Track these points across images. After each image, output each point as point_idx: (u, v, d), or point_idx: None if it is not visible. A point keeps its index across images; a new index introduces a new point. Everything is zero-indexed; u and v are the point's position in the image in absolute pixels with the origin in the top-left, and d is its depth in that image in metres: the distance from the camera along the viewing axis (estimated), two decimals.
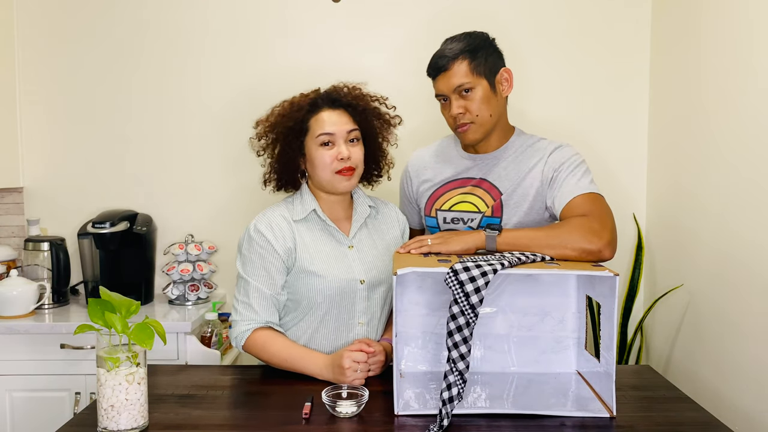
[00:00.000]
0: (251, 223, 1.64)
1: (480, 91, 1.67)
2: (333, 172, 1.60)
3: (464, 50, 1.68)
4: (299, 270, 1.61)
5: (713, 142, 1.94)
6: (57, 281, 2.31)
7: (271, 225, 1.62)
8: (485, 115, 1.69)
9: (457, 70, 1.67)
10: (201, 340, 2.17)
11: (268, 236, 1.60)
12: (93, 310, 1.26)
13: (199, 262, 2.37)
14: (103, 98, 2.48)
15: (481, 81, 1.67)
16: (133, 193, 2.48)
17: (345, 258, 1.64)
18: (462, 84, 1.67)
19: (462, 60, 1.67)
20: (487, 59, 1.69)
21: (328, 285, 1.60)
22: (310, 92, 1.69)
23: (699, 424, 1.33)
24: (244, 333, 1.59)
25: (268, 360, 1.59)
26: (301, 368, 1.56)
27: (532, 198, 1.69)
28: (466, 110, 1.68)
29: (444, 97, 1.71)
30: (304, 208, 1.66)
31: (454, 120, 1.70)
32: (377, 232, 1.73)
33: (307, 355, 1.57)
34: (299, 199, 1.68)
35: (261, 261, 1.60)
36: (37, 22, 2.46)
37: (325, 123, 1.61)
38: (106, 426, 1.25)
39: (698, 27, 2.05)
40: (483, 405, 1.39)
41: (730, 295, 1.84)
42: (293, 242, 1.61)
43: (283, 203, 1.69)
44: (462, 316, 1.29)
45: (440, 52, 1.71)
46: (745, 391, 1.76)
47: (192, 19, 2.45)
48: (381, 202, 1.80)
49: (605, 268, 1.34)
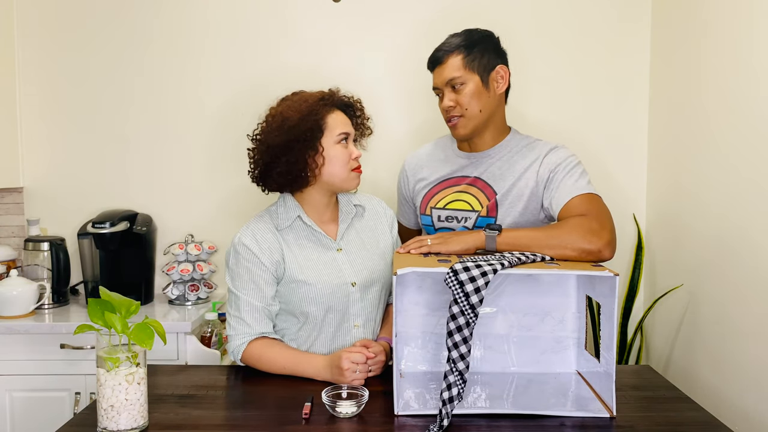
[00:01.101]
0: (236, 237, 1.62)
1: (471, 86, 1.69)
2: (350, 169, 1.63)
3: (461, 45, 1.70)
4: (289, 280, 1.60)
5: (713, 141, 1.94)
6: (57, 281, 2.31)
7: (256, 238, 1.60)
8: (474, 110, 1.70)
9: (451, 64, 1.70)
10: (201, 340, 2.17)
11: (253, 249, 1.59)
12: (93, 310, 1.26)
13: (199, 262, 2.37)
14: (103, 98, 2.48)
15: (473, 76, 1.69)
16: (133, 193, 2.48)
17: (334, 262, 1.63)
18: (453, 77, 1.69)
19: (457, 54, 1.69)
20: (483, 55, 1.70)
21: (318, 292, 1.60)
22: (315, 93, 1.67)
23: (699, 424, 1.33)
24: (239, 347, 1.59)
25: (268, 369, 1.59)
26: (301, 372, 1.56)
27: (527, 198, 1.69)
28: (457, 104, 1.70)
29: (438, 91, 1.75)
30: (288, 216, 1.64)
31: (446, 113, 1.73)
32: (366, 230, 1.72)
33: (305, 359, 1.57)
34: (282, 207, 1.66)
35: (249, 275, 1.59)
36: (37, 22, 2.46)
37: (341, 123, 1.64)
38: (106, 426, 1.25)
39: (698, 27, 2.05)
40: (483, 405, 1.39)
41: (730, 295, 1.84)
42: (280, 254, 1.61)
43: (266, 213, 1.68)
44: (462, 316, 1.29)
45: (439, 46, 1.74)
46: (745, 391, 1.76)
47: (192, 19, 2.45)
48: (365, 197, 1.79)
49: (605, 268, 1.34)
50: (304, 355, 1.59)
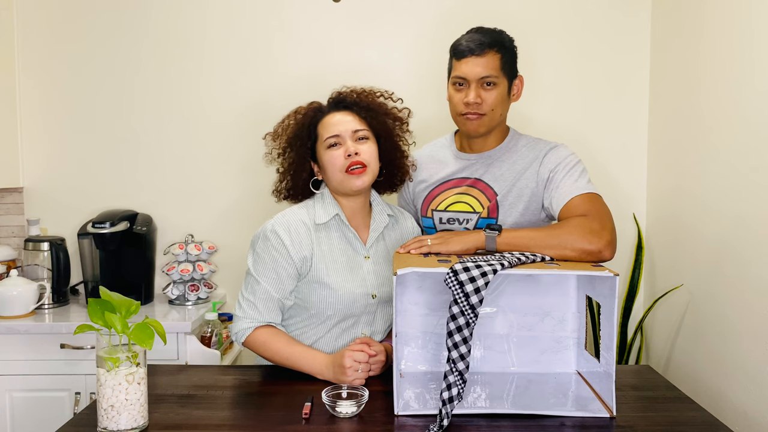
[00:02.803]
0: (269, 222, 1.59)
1: (500, 89, 1.68)
2: (343, 171, 1.57)
3: (499, 44, 1.67)
4: (312, 279, 1.58)
5: (713, 141, 1.94)
6: (57, 281, 2.31)
7: (289, 229, 1.57)
8: (497, 112, 1.70)
9: (489, 61, 1.66)
10: (201, 340, 2.17)
11: (285, 240, 1.55)
12: (93, 310, 1.26)
13: (199, 262, 2.37)
14: (103, 98, 2.48)
15: (503, 80, 1.69)
16: (133, 193, 2.49)
17: (360, 270, 1.61)
18: (489, 75, 1.66)
19: (496, 53, 1.67)
20: (512, 61, 1.71)
21: (339, 299, 1.58)
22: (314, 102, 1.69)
23: (699, 424, 1.33)
24: (245, 330, 1.57)
25: (270, 357, 1.58)
26: (302, 367, 1.55)
27: (528, 199, 1.69)
28: (483, 102, 1.67)
29: (462, 80, 1.69)
30: (326, 212, 1.61)
31: (467, 106, 1.68)
32: (394, 244, 1.69)
33: (308, 354, 1.56)
34: (321, 203, 1.63)
35: (273, 263, 1.56)
36: (37, 23, 2.46)
37: (330, 125, 1.61)
38: (106, 426, 1.25)
39: (698, 27, 2.05)
40: (483, 405, 1.39)
41: (730, 295, 1.84)
42: (310, 250, 1.57)
43: (304, 206, 1.64)
44: (462, 316, 1.29)
45: (474, 37, 1.68)
46: (745, 391, 1.76)
47: (193, 19, 2.45)
48: (399, 211, 1.77)
49: (605, 268, 1.34)
50: (308, 350, 1.57)
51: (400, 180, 1.75)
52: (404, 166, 1.73)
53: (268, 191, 1.73)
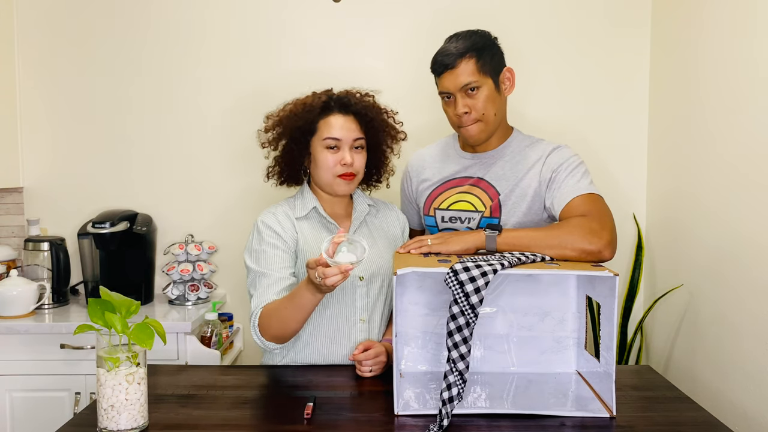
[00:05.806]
0: (257, 220, 1.68)
1: (486, 90, 1.67)
2: (335, 175, 1.65)
3: (471, 48, 1.67)
4: (300, 266, 1.64)
5: (713, 142, 1.94)
6: (57, 281, 2.31)
7: (276, 219, 1.66)
8: (490, 114, 1.69)
9: (464, 69, 1.66)
10: (201, 340, 2.17)
11: (275, 227, 1.64)
12: (93, 310, 1.26)
13: (199, 262, 2.37)
14: (103, 98, 2.48)
15: (486, 80, 1.67)
16: (133, 193, 2.48)
17: None
18: (469, 83, 1.66)
19: (469, 58, 1.66)
20: (492, 58, 1.69)
21: None
22: (322, 93, 1.71)
23: (699, 424, 1.33)
24: (255, 316, 1.57)
25: (278, 321, 1.53)
26: (298, 303, 1.49)
27: (530, 199, 1.69)
28: (472, 109, 1.67)
29: (448, 94, 1.70)
30: (305, 206, 1.70)
31: (459, 118, 1.69)
32: (377, 230, 1.75)
33: (296, 292, 1.50)
34: (300, 198, 1.73)
35: (273, 250, 1.63)
36: (37, 22, 2.46)
37: (333, 127, 1.64)
38: (106, 426, 1.25)
39: (698, 27, 2.05)
40: (483, 405, 1.39)
41: (729, 295, 1.84)
42: (294, 239, 1.66)
43: (285, 202, 1.74)
44: (462, 316, 1.29)
45: (446, 49, 1.69)
46: (745, 391, 1.76)
47: (192, 19, 2.45)
48: (381, 202, 1.83)
49: (605, 268, 1.34)
50: (295, 290, 1.51)
51: (376, 182, 1.83)
52: (384, 173, 1.82)
53: (269, 191, 1.75)
